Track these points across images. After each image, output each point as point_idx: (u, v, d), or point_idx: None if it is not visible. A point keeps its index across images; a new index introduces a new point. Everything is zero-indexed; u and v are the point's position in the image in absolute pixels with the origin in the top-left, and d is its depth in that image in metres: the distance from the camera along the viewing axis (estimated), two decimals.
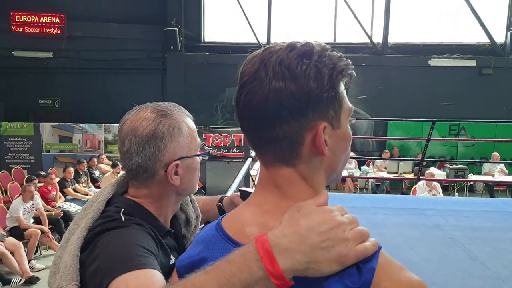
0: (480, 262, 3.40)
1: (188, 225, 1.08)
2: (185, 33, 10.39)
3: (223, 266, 0.53)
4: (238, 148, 9.08)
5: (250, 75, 0.59)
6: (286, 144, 0.59)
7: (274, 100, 0.57)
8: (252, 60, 0.61)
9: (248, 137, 0.63)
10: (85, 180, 7.84)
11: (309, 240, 0.52)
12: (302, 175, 0.61)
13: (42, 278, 4.86)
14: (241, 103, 0.61)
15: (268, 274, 0.51)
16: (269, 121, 0.58)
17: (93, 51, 10.58)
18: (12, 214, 5.45)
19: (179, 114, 0.93)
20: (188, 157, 0.92)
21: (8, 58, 10.55)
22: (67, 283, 0.78)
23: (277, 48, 0.60)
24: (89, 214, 0.87)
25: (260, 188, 0.65)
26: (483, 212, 5.04)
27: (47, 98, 11.02)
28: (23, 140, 9.28)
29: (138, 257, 0.75)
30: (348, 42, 10.26)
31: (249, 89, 0.59)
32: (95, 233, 0.82)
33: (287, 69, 0.57)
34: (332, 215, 0.55)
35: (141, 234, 0.82)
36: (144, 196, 0.93)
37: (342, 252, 0.53)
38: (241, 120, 0.62)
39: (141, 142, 0.88)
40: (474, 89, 9.97)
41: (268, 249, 0.51)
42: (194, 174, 0.96)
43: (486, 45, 10.13)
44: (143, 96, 10.03)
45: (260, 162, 0.64)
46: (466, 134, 10.07)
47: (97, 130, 9.37)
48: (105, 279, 0.71)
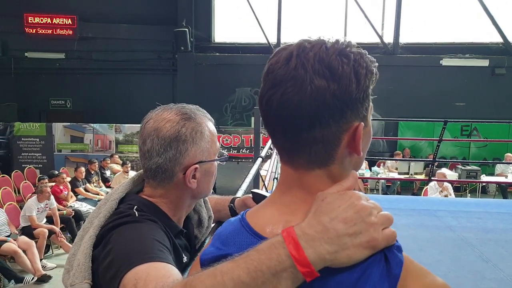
0: (493, 264, 3.35)
1: (200, 225, 1.08)
2: (195, 33, 10.43)
3: (252, 254, 0.53)
4: (248, 148, 9.09)
5: (287, 73, 0.56)
6: (323, 146, 0.57)
7: (316, 100, 0.54)
8: (283, 57, 0.57)
9: (277, 139, 0.60)
10: (96, 180, 7.91)
11: (335, 228, 0.51)
12: (333, 175, 0.60)
13: (54, 276, 4.92)
14: (274, 103, 0.57)
15: (294, 261, 0.50)
16: (307, 122, 0.55)
17: (104, 52, 10.69)
18: (25, 213, 5.53)
19: (202, 118, 0.94)
20: (207, 162, 0.93)
21: (22, 59, 10.72)
22: (79, 281, 0.78)
23: (310, 45, 0.58)
24: (102, 212, 0.88)
25: (284, 188, 0.63)
26: (496, 213, 4.97)
27: (59, 98, 11.16)
28: (36, 140, 9.41)
29: (155, 250, 0.75)
30: (358, 42, 9.76)
31: (285, 88, 0.55)
32: (107, 229, 0.82)
33: (328, 68, 0.55)
34: (356, 200, 0.54)
35: (156, 230, 0.83)
36: (159, 196, 0.93)
37: (373, 236, 0.52)
38: (272, 121, 0.59)
39: (163, 143, 0.88)
40: (486, 89, 9.82)
41: (294, 237, 0.51)
42: (211, 178, 0.97)
43: (499, 45, 9.98)
44: (154, 96, 10.09)
45: (285, 163, 0.62)
46: (479, 134, 9.93)
47: (108, 130, 9.46)
48: (121, 270, 0.70)
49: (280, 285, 0.51)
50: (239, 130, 9.39)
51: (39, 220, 5.62)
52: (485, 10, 9.57)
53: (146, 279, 0.66)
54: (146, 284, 0.65)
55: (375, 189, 9.52)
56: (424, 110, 9.60)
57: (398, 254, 0.55)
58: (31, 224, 5.48)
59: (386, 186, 9.52)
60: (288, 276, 0.51)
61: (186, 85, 10.35)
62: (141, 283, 0.66)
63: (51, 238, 5.64)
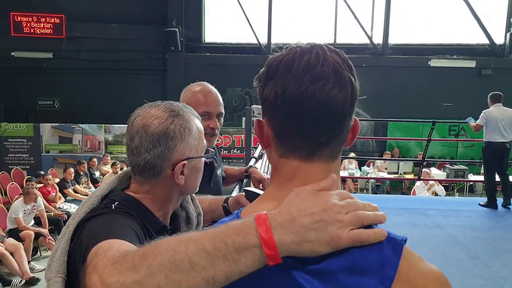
0: (481, 261, 3.40)
1: (189, 223, 1.08)
2: (186, 33, 10.39)
3: (221, 227, 0.55)
4: (239, 148, 9.08)
5: (328, 70, 0.58)
6: (341, 140, 0.62)
7: (352, 97, 0.60)
8: (314, 54, 0.60)
9: (303, 132, 0.60)
10: (85, 181, 7.83)
11: (300, 220, 0.53)
12: (334, 169, 0.63)
13: (42, 279, 4.85)
14: (317, 96, 0.58)
15: (261, 241, 0.52)
16: (342, 117, 0.60)
17: (93, 52, 10.58)
18: (12, 215, 5.45)
19: (189, 115, 0.95)
20: (195, 158, 0.94)
21: (8, 59, 10.55)
22: (54, 275, 0.79)
23: (327, 48, 0.61)
24: (83, 208, 0.89)
25: (282, 183, 0.63)
26: (483, 211, 5.05)
27: (47, 98, 11.01)
28: (23, 141, 9.26)
29: (123, 231, 0.76)
30: (348, 43, 10.25)
31: (332, 83, 0.58)
32: (82, 221, 0.83)
33: (350, 69, 0.61)
34: (327, 198, 0.55)
35: (128, 219, 0.83)
36: (145, 193, 0.93)
37: (335, 234, 0.53)
38: (303, 113, 0.59)
39: (152, 139, 0.89)
40: (473, 89, 9.95)
41: (266, 220, 0.53)
42: (198, 174, 0.98)
43: (486, 46, 10.14)
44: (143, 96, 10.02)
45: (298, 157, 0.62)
46: (466, 134, 10.07)
47: (97, 131, 9.36)
48: (88, 249, 0.70)
49: (239, 261, 0.52)
50: (230, 131, 9.37)
51: (27, 222, 5.54)
52: (472, 12, 9.72)
53: (107, 249, 0.66)
54: (106, 252, 0.65)
55: (365, 188, 9.59)
56: (412, 110, 9.70)
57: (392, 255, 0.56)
58: (18, 226, 5.40)
59: (375, 185, 9.60)
60: (250, 255, 0.52)
61: (176, 85, 10.26)
62: (101, 251, 0.66)
63: (39, 240, 5.57)
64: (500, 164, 5.11)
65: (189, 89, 1.61)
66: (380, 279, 0.54)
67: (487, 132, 5.10)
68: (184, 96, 1.60)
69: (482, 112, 5.21)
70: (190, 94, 1.59)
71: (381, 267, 0.54)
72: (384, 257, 0.55)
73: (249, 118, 4.80)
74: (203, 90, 1.59)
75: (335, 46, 0.64)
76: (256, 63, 10.76)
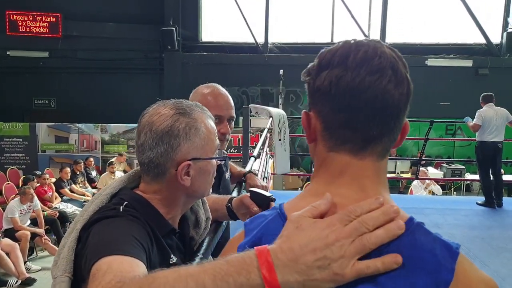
0: (480, 261, 3.40)
1: (197, 226, 1.06)
2: (183, 32, 10.36)
3: (221, 263, 0.53)
4: (236, 148, 9.06)
5: (385, 61, 0.58)
6: (393, 138, 0.61)
7: (407, 93, 0.60)
8: (372, 47, 0.59)
9: (357, 125, 0.59)
10: (81, 181, 7.79)
11: (303, 258, 0.51)
12: (383, 168, 0.63)
13: (38, 279, 4.82)
14: (373, 89, 0.57)
15: (264, 282, 0.51)
16: (397, 112, 0.59)
17: (89, 51, 10.53)
18: (7, 215, 5.41)
19: (199, 114, 0.91)
20: (202, 159, 0.90)
21: (4, 58, 10.48)
22: (60, 274, 0.78)
23: (384, 44, 0.61)
24: (92, 206, 0.87)
25: (331, 179, 0.62)
26: (481, 210, 5.06)
27: (42, 98, 10.95)
28: (19, 141, 9.20)
29: (126, 244, 0.73)
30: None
31: (389, 77, 0.58)
32: (90, 223, 0.82)
33: (405, 66, 0.61)
34: (329, 229, 0.52)
35: (135, 226, 0.81)
36: (153, 192, 0.91)
37: (337, 272, 0.51)
38: (359, 106, 0.58)
39: (155, 137, 0.87)
40: (470, 89, 9.97)
41: (269, 260, 0.51)
42: (207, 177, 0.94)
43: (482, 45, 10.17)
44: (140, 96, 9.98)
45: (348, 152, 0.61)
46: (463, 133, 10.10)
47: (93, 130, 9.31)
48: (89, 261, 0.70)
49: None
50: None
51: (23, 222, 5.50)
52: (469, 11, 9.75)
53: (106, 271, 0.65)
54: (104, 275, 0.64)
55: None
56: (410, 109, 9.65)
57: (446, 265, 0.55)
58: (14, 226, 5.36)
59: None
60: None
61: (173, 85, 10.26)
62: (99, 274, 0.65)
63: (36, 240, 5.53)
64: (493, 164, 5.13)
65: (199, 91, 1.54)
66: (435, 282, 0.53)
67: (480, 131, 5.12)
68: (193, 98, 1.52)
69: (477, 112, 5.23)
70: (199, 96, 1.51)
71: (436, 270, 0.53)
72: (439, 260, 0.54)
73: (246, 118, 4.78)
74: (213, 92, 1.51)
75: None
76: (253, 62, 10.80)
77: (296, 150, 10.47)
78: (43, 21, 10.38)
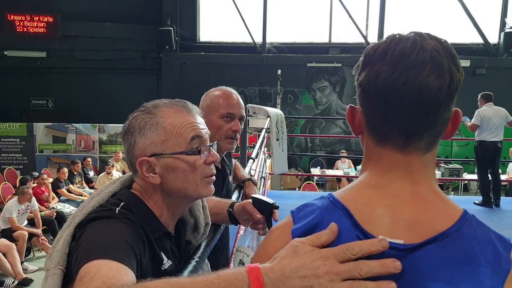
0: None
1: (196, 231, 1.05)
2: (180, 32, 10.35)
3: (213, 277, 0.54)
4: None
5: (423, 55, 0.58)
6: (437, 131, 0.61)
7: (450, 86, 0.59)
8: (411, 41, 0.59)
9: (399, 121, 0.60)
10: (79, 181, 7.77)
11: (291, 282, 0.52)
12: (430, 161, 0.63)
13: (35, 280, 4.80)
14: (414, 83, 0.57)
15: None
16: (438, 105, 0.59)
17: (87, 51, 10.51)
18: (5, 215, 5.39)
19: (164, 109, 0.88)
20: (164, 155, 0.86)
21: (1, 58, 10.45)
22: (54, 266, 0.78)
23: (428, 36, 0.61)
24: (92, 202, 0.87)
25: (382, 172, 0.63)
26: (479, 210, 5.06)
27: (40, 98, 10.93)
28: (16, 141, 9.18)
29: (118, 249, 0.73)
30: (343, 42, 10.26)
31: (428, 71, 0.57)
32: (85, 221, 0.82)
33: (452, 57, 0.60)
34: (321, 262, 0.53)
35: (129, 230, 0.80)
36: (139, 190, 0.92)
37: None
38: (401, 102, 0.58)
39: (123, 136, 0.91)
40: (468, 89, 9.93)
41: (260, 279, 0.53)
42: (179, 174, 0.87)
43: (480, 45, 10.19)
44: (138, 96, 9.96)
45: (394, 147, 0.62)
46: (460, 133, 10.10)
47: (91, 130, 9.30)
48: (80, 262, 0.70)
49: None
50: None
51: (20, 222, 5.48)
52: (466, 11, 9.76)
53: (94, 276, 0.64)
54: (91, 280, 0.63)
55: None
56: None
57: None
58: (11, 226, 5.35)
59: None
60: None
61: (171, 85, 10.25)
62: (87, 278, 0.65)
63: (33, 240, 5.51)
64: (492, 163, 5.13)
65: (210, 93, 1.60)
66: (496, 271, 0.55)
67: (479, 131, 5.12)
68: (205, 99, 1.57)
69: (476, 111, 5.22)
70: (212, 96, 1.56)
71: (496, 260, 0.56)
72: (499, 251, 0.56)
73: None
74: (225, 92, 1.57)
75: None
76: (251, 62, 10.80)
77: (294, 150, 10.48)
78: (41, 21, 10.35)
